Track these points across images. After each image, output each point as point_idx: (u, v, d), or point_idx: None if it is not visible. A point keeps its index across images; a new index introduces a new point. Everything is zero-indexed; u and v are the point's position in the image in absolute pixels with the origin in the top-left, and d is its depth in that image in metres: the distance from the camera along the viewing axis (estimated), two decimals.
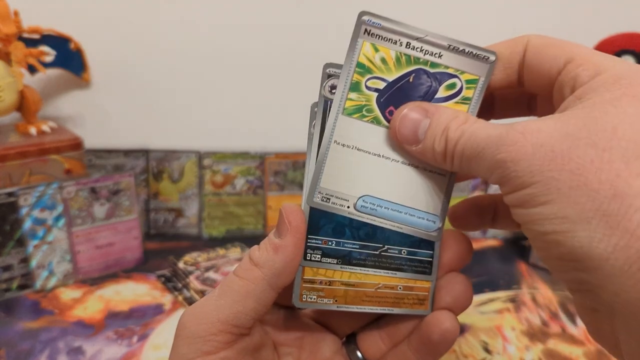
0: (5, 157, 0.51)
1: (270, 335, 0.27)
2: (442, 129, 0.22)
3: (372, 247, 0.25)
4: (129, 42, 0.63)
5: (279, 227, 0.23)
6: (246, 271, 0.23)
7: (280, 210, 0.23)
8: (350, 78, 0.25)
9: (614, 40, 0.55)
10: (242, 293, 0.22)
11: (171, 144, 0.65)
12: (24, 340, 0.44)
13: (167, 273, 0.54)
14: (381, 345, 0.27)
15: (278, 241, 0.23)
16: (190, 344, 0.22)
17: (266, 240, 0.23)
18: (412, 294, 0.25)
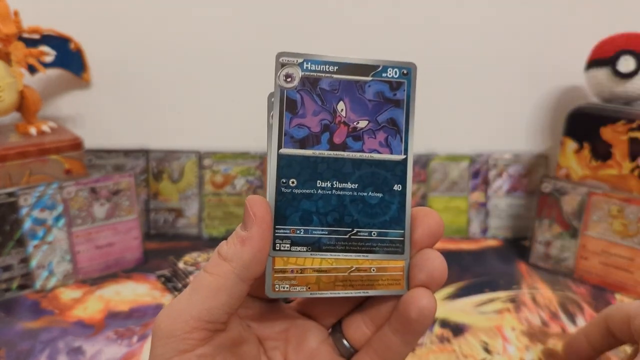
0: (5, 157, 0.51)
1: (254, 330, 0.26)
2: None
3: (342, 231, 0.25)
4: (129, 42, 0.63)
5: (244, 220, 0.23)
6: (215, 266, 0.23)
7: (245, 203, 0.24)
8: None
9: (614, 40, 0.55)
10: (213, 288, 0.22)
11: (171, 144, 0.65)
12: (24, 340, 0.44)
13: (167, 273, 0.54)
14: (365, 330, 0.27)
15: (244, 233, 0.23)
16: (166, 344, 0.22)
17: (233, 235, 0.23)
18: (386, 274, 0.25)
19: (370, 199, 0.26)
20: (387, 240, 0.26)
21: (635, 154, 0.53)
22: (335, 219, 0.25)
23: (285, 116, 0.25)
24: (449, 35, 0.64)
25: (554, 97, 0.68)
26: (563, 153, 0.59)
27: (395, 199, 0.26)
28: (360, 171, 0.25)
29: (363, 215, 0.25)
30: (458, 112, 0.67)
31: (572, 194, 0.57)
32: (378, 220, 0.25)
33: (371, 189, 0.26)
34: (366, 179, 0.26)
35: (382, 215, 0.26)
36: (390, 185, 0.26)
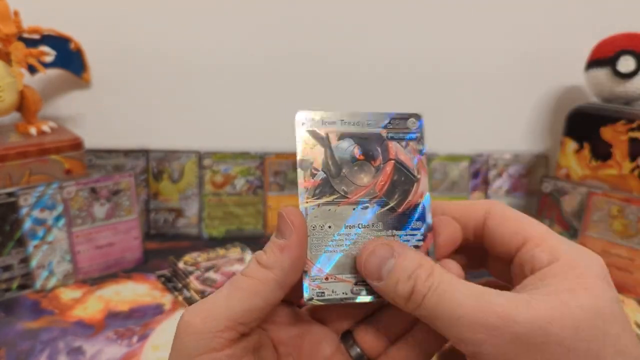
0: (5, 157, 0.51)
1: (269, 334, 0.27)
2: (408, 273, 0.23)
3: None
4: (129, 42, 0.63)
5: (281, 229, 0.24)
6: (255, 271, 0.23)
7: (280, 213, 0.24)
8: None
9: (614, 40, 0.55)
10: (252, 292, 0.23)
11: (171, 144, 0.65)
12: (24, 340, 0.44)
13: (167, 273, 0.54)
14: (381, 340, 0.27)
15: (283, 242, 0.24)
16: (197, 340, 0.22)
17: (270, 243, 0.24)
18: None
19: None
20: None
21: (635, 154, 0.53)
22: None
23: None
24: (449, 36, 0.64)
25: (554, 97, 0.68)
26: (563, 153, 0.59)
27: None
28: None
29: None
30: (458, 112, 0.67)
31: (572, 194, 0.57)
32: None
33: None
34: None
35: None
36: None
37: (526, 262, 0.24)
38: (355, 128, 0.27)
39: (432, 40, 0.65)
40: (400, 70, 0.65)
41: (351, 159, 0.27)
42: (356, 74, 0.66)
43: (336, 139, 0.27)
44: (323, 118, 0.28)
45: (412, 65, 0.65)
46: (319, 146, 0.27)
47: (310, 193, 0.26)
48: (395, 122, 0.27)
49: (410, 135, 0.27)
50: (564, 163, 0.59)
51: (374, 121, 0.27)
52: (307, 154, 0.27)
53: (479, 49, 0.65)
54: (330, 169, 0.26)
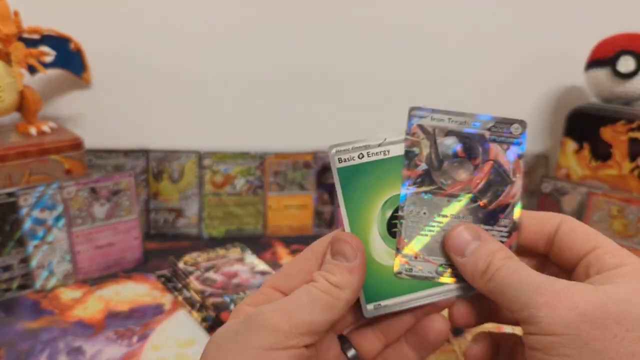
0: (5, 157, 0.51)
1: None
2: (488, 253, 0.26)
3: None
4: (129, 42, 0.63)
5: (344, 252, 0.27)
6: (331, 289, 0.26)
7: (340, 238, 0.27)
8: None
9: (614, 40, 0.55)
10: (330, 307, 0.26)
11: (171, 144, 0.65)
12: (24, 340, 0.44)
13: (167, 273, 0.54)
14: (377, 343, 0.29)
15: (350, 264, 0.27)
16: (279, 336, 0.24)
17: (336, 266, 0.27)
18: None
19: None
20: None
21: (635, 154, 0.53)
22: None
23: None
24: (449, 36, 0.64)
25: (554, 97, 0.68)
26: (563, 153, 0.59)
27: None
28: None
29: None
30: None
31: (572, 194, 0.57)
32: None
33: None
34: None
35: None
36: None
37: (593, 264, 0.25)
38: (461, 127, 0.29)
39: (432, 40, 0.65)
40: (400, 70, 0.65)
41: (453, 155, 0.29)
42: (356, 73, 0.66)
43: (442, 135, 0.29)
44: (433, 114, 0.30)
45: (412, 65, 0.65)
46: (425, 140, 0.29)
47: (412, 181, 0.29)
48: (499, 125, 0.29)
49: (511, 140, 0.29)
50: (564, 163, 0.59)
51: (480, 122, 0.29)
52: (413, 146, 0.29)
53: (479, 49, 0.65)
54: (432, 162, 0.29)
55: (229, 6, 0.63)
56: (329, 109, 0.67)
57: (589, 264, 0.26)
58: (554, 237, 0.28)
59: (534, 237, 0.29)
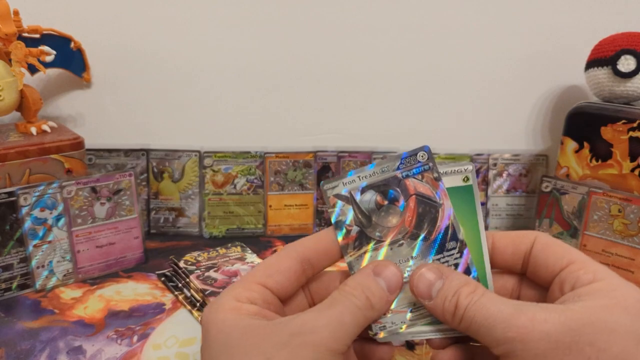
0: (5, 156, 0.50)
1: None
2: (453, 292, 0.26)
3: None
4: (129, 42, 0.63)
5: (390, 281, 0.28)
6: (367, 309, 0.27)
7: (389, 265, 0.28)
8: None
9: (614, 39, 0.55)
10: (361, 325, 0.26)
11: (172, 144, 0.65)
12: (24, 340, 0.44)
13: (167, 272, 0.54)
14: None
15: (390, 296, 0.28)
16: (330, 357, 0.25)
17: (380, 290, 0.27)
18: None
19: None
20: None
21: (636, 154, 0.53)
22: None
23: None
24: (449, 35, 0.65)
25: (554, 97, 0.68)
26: (563, 152, 0.59)
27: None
28: None
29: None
30: (458, 111, 0.67)
31: (572, 193, 0.57)
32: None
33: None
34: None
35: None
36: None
37: (567, 280, 0.26)
38: (373, 179, 0.30)
39: (432, 40, 0.65)
40: (400, 70, 0.66)
41: (376, 206, 0.29)
42: (356, 73, 0.66)
43: (359, 194, 0.29)
44: (343, 181, 0.30)
45: (412, 65, 0.65)
46: (347, 205, 0.29)
47: (351, 247, 0.29)
48: (407, 160, 0.30)
49: (423, 167, 0.30)
50: (564, 162, 0.59)
51: (388, 166, 0.30)
52: (339, 215, 0.29)
53: (479, 48, 0.65)
54: (361, 222, 0.29)
55: (229, 6, 0.63)
56: (330, 109, 0.67)
57: (563, 280, 0.26)
58: (529, 255, 0.28)
59: (510, 257, 0.29)
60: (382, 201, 0.29)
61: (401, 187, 0.29)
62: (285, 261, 0.29)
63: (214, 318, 0.26)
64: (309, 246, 0.29)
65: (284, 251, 0.29)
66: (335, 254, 0.30)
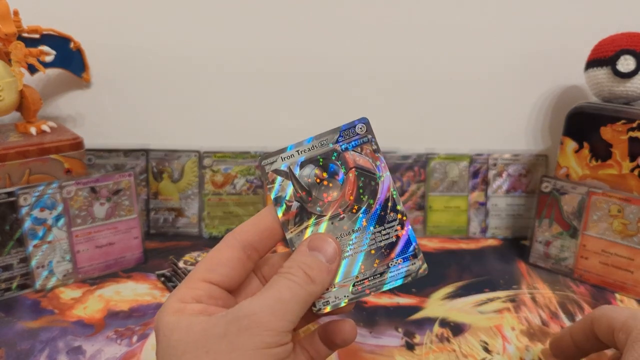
0: (5, 156, 0.51)
1: None
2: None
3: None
4: (129, 41, 0.63)
5: (326, 252, 0.28)
6: (307, 283, 0.27)
7: (325, 238, 0.28)
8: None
9: (614, 40, 0.55)
10: (307, 302, 0.27)
11: (171, 144, 0.65)
12: (23, 340, 0.44)
13: (167, 272, 0.54)
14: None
15: (330, 266, 0.28)
16: (274, 335, 0.25)
17: (316, 262, 0.27)
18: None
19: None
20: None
21: (635, 154, 0.53)
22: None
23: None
24: (449, 35, 0.64)
25: (554, 97, 0.68)
26: (563, 153, 0.59)
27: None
28: None
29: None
30: (458, 112, 0.67)
31: (572, 193, 0.57)
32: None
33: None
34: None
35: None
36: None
37: (621, 337, 0.32)
38: (312, 153, 0.29)
39: (432, 40, 0.65)
40: (400, 70, 0.65)
41: (316, 181, 0.29)
42: (356, 74, 0.66)
43: (298, 169, 0.29)
44: (282, 155, 0.29)
45: (411, 66, 0.65)
46: (286, 181, 0.29)
47: (292, 223, 0.29)
48: (346, 133, 0.29)
49: (362, 140, 0.29)
50: (563, 162, 0.59)
51: (326, 139, 0.29)
52: (279, 192, 0.29)
53: (478, 48, 0.65)
54: (301, 197, 0.29)
55: (229, 6, 0.63)
56: (330, 109, 0.67)
57: (620, 337, 0.32)
58: (592, 328, 0.36)
59: (585, 336, 0.37)
60: (321, 175, 0.29)
61: (341, 160, 0.29)
62: (226, 252, 0.28)
63: (160, 322, 0.26)
64: (249, 230, 0.29)
65: (224, 241, 0.29)
66: (278, 233, 0.29)
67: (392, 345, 0.44)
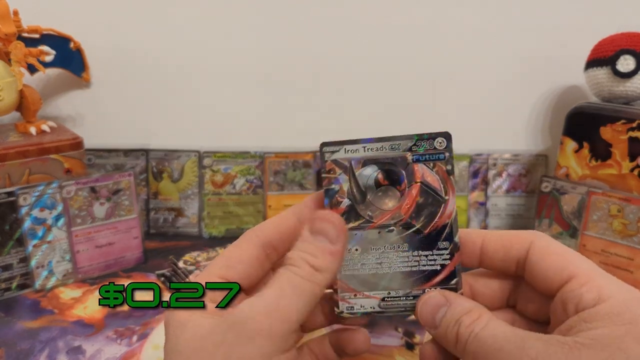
0: (5, 156, 0.50)
1: None
2: (454, 321, 0.24)
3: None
4: (129, 41, 0.63)
5: (327, 233, 0.25)
6: (312, 275, 0.24)
7: (321, 215, 0.25)
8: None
9: (613, 39, 0.55)
10: (314, 295, 0.24)
11: (171, 144, 0.65)
12: (23, 340, 0.44)
13: (167, 272, 0.54)
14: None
15: (333, 247, 0.25)
16: (275, 342, 0.23)
17: (318, 247, 0.25)
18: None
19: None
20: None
21: (635, 154, 0.53)
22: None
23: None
24: (449, 35, 0.64)
25: (553, 96, 0.68)
26: (563, 152, 0.59)
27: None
28: None
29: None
30: (458, 111, 0.67)
31: (572, 193, 0.57)
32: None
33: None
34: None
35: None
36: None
37: (570, 300, 0.23)
38: (379, 153, 0.27)
39: (432, 40, 0.65)
40: (401, 70, 0.65)
41: (375, 184, 0.27)
42: (356, 73, 0.66)
43: (360, 166, 0.27)
44: (346, 146, 0.27)
45: (412, 66, 0.65)
46: (343, 174, 0.27)
47: None
48: (421, 143, 0.27)
49: (437, 156, 0.27)
50: (563, 162, 0.59)
51: (398, 144, 0.27)
52: (332, 183, 0.27)
53: (478, 48, 0.65)
54: (355, 196, 0.27)
55: (229, 6, 0.63)
56: (330, 109, 0.67)
57: (565, 300, 0.23)
58: (524, 262, 0.25)
59: (500, 264, 0.27)
60: (383, 180, 0.27)
61: (407, 171, 0.27)
62: (245, 249, 0.27)
63: (170, 318, 0.24)
64: (270, 228, 0.27)
65: (244, 238, 0.27)
66: (299, 235, 0.26)
67: (392, 345, 0.44)
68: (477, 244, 0.27)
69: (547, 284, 0.24)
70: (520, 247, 0.25)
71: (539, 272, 0.25)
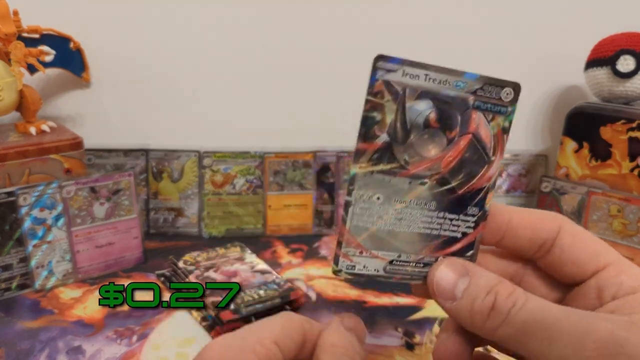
0: (4, 156, 0.50)
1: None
2: (486, 291, 0.22)
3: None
4: (129, 41, 0.63)
5: (355, 330, 0.24)
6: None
7: (357, 319, 0.25)
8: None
9: (613, 39, 0.55)
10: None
11: (171, 144, 0.65)
12: (23, 340, 0.44)
13: (167, 272, 0.54)
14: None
15: (356, 344, 0.24)
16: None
17: (354, 347, 0.24)
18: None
19: None
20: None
21: (635, 154, 0.53)
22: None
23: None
24: (449, 35, 0.65)
25: (553, 97, 0.68)
26: (562, 152, 0.59)
27: None
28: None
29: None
30: None
31: (572, 193, 0.57)
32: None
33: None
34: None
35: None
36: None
37: (608, 287, 0.22)
38: (440, 87, 0.22)
39: (432, 40, 0.65)
40: None
41: (424, 124, 0.23)
42: (356, 73, 0.65)
43: (413, 97, 0.22)
44: (405, 68, 0.22)
45: None
46: (391, 102, 0.22)
47: (367, 157, 0.22)
48: (488, 87, 0.23)
49: (499, 108, 0.23)
50: (563, 162, 0.59)
51: (464, 83, 0.23)
52: (375, 110, 0.22)
53: (478, 48, 0.65)
54: (396, 133, 0.22)
55: (229, 6, 0.63)
56: (330, 109, 0.67)
57: (602, 286, 0.22)
58: (551, 245, 0.24)
59: (526, 242, 0.24)
60: (435, 123, 0.23)
61: (464, 117, 0.23)
62: (296, 319, 0.23)
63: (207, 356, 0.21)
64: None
65: (288, 313, 0.24)
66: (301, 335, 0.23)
67: (391, 345, 0.44)
68: (505, 218, 0.24)
69: (578, 269, 0.23)
70: (550, 228, 0.24)
71: (569, 257, 0.23)
